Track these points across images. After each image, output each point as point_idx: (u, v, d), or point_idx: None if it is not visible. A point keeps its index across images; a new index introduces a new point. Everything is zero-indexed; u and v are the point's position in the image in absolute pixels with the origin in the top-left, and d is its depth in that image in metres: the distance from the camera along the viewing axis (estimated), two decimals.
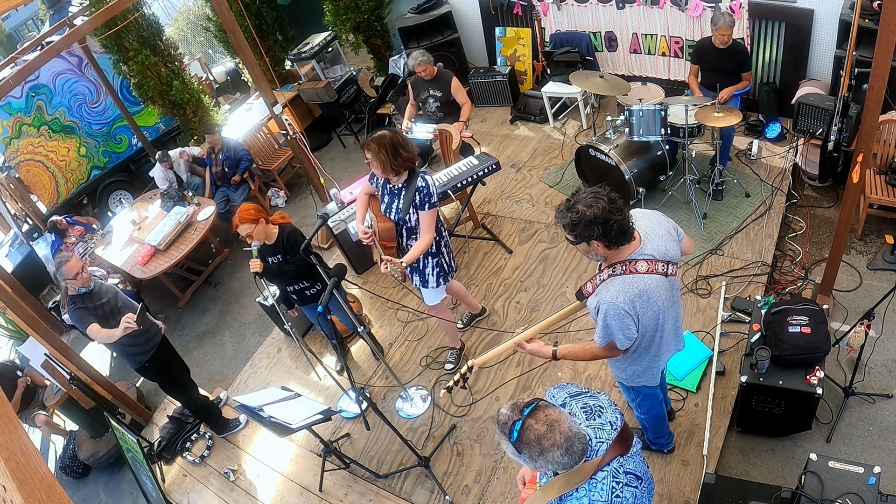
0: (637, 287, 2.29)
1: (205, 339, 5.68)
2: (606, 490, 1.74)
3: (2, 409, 1.20)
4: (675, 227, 2.51)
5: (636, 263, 2.30)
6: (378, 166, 3.24)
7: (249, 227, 3.55)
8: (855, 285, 4.22)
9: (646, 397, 2.95)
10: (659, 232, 2.40)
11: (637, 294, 2.29)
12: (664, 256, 2.36)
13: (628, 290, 2.29)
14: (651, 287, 2.31)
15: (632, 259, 2.31)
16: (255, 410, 3.11)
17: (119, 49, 6.76)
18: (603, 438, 1.83)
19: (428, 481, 3.66)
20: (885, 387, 3.59)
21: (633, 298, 2.29)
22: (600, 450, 1.80)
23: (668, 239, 2.42)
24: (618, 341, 2.39)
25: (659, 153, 4.76)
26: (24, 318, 4.22)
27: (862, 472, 2.57)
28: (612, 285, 2.32)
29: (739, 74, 4.75)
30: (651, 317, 2.38)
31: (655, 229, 2.41)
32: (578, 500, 1.74)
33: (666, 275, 2.38)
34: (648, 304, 2.33)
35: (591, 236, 2.21)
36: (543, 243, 5.03)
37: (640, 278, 2.30)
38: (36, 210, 7.56)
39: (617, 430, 1.86)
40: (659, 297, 2.35)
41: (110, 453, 4.70)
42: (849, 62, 3.69)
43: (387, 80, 7.06)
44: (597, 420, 1.89)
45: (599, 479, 1.75)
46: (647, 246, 2.33)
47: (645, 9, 5.69)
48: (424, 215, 3.33)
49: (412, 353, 4.50)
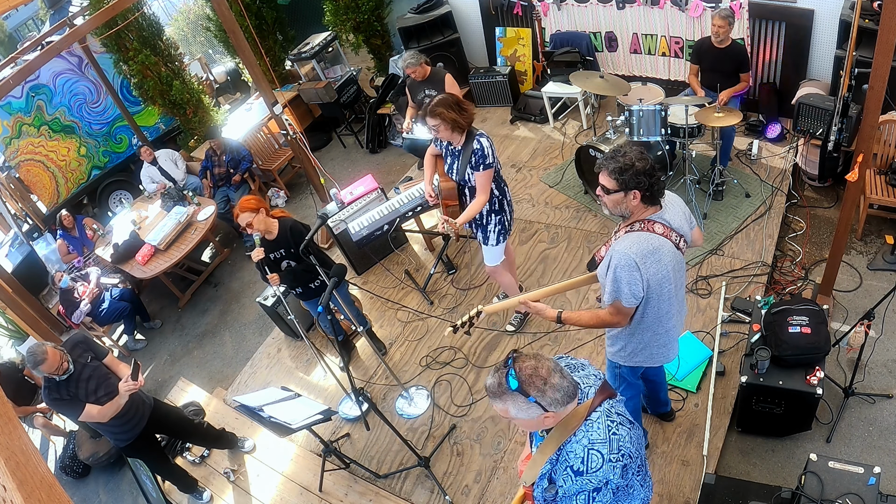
0: (651, 244, 2.36)
1: (205, 339, 5.68)
2: (603, 427, 1.79)
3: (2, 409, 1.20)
4: (689, 214, 2.60)
5: (654, 224, 2.39)
6: (447, 128, 3.40)
7: (250, 216, 3.56)
8: (855, 285, 4.22)
9: (628, 385, 2.97)
10: (677, 208, 2.51)
11: (650, 250, 2.36)
12: (679, 229, 2.46)
13: (643, 244, 2.36)
14: (664, 248, 2.39)
15: (651, 220, 2.40)
16: (255, 410, 3.11)
17: (119, 49, 6.77)
18: (590, 384, 1.90)
19: (428, 481, 3.66)
20: (885, 387, 3.59)
21: (646, 254, 2.35)
22: (590, 393, 1.87)
23: (683, 218, 2.52)
24: (624, 297, 2.41)
25: (659, 153, 4.76)
26: (24, 318, 4.23)
27: (862, 473, 2.57)
28: (627, 238, 2.40)
29: (739, 75, 4.76)
30: (659, 280, 2.42)
31: (675, 204, 2.53)
32: (578, 443, 1.78)
33: (677, 246, 2.46)
34: (659, 264, 2.39)
35: (635, 186, 2.31)
36: (543, 243, 5.03)
37: (655, 237, 2.38)
38: (36, 210, 7.56)
39: (601, 380, 1.93)
40: (669, 262, 2.42)
41: (110, 453, 4.69)
42: (849, 62, 3.69)
43: (387, 80, 7.07)
44: (580, 372, 1.96)
45: (594, 420, 1.81)
46: (666, 213, 2.43)
47: (645, 9, 5.69)
48: (479, 176, 3.50)
49: (412, 353, 4.50)
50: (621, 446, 1.78)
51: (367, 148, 7.34)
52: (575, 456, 1.78)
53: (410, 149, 6.22)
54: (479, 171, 3.48)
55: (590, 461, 1.76)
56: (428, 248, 5.35)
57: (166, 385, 5.25)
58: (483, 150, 3.46)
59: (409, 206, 4.52)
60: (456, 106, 3.39)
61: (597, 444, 1.77)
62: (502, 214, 3.73)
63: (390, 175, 6.69)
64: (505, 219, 3.76)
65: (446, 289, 4.89)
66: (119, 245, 5.93)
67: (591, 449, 1.77)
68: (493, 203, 3.66)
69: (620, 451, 1.78)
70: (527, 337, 4.30)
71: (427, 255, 5.32)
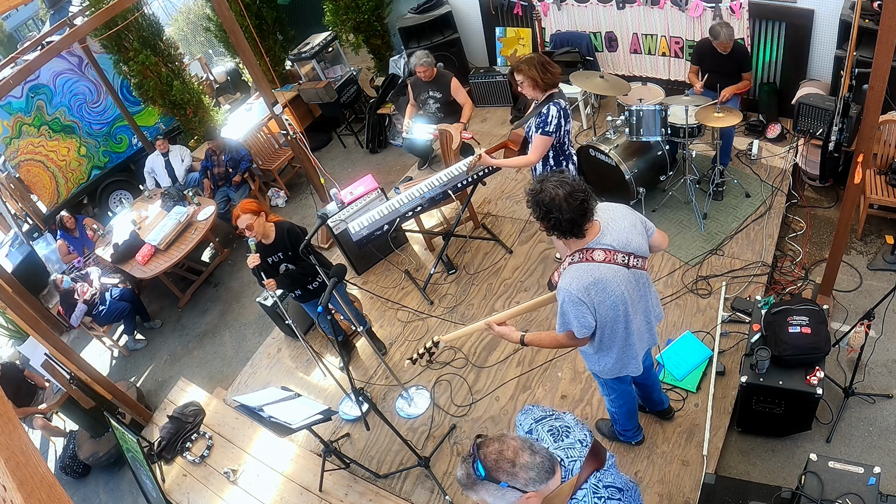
0: (592, 275, 2.31)
1: (205, 339, 5.68)
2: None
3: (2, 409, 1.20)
4: (643, 221, 2.51)
5: (593, 252, 2.32)
6: (529, 85, 3.57)
7: (250, 218, 3.56)
8: (855, 285, 4.22)
9: (619, 394, 2.97)
10: (622, 224, 2.41)
11: (592, 282, 2.31)
12: (625, 248, 2.36)
13: (583, 278, 2.31)
14: (608, 276, 2.32)
15: (589, 248, 2.33)
16: (255, 410, 3.11)
17: (119, 49, 6.77)
18: (574, 457, 1.78)
19: (428, 481, 3.66)
20: (885, 387, 3.59)
21: (588, 286, 2.31)
22: (574, 468, 1.74)
23: (632, 231, 2.41)
24: (574, 329, 2.41)
25: (659, 153, 4.76)
26: (24, 318, 4.22)
27: (862, 473, 2.57)
28: (567, 273, 2.36)
29: (740, 75, 4.75)
30: (609, 307, 2.38)
31: (618, 221, 2.41)
32: None
33: (627, 266, 2.38)
34: (605, 293, 2.33)
35: (546, 224, 2.29)
36: (543, 243, 5.02)
37: (595, 267, 2.32)
38: (36, 210, 7.56)
39: (588, 447, 1.80)
40: (617, 287, 2.35)
41: (110, 453, 4.70)
42: (849, 62, 3.69)
43: (387, 80, 7.07)
44: (565, 440, 1.84)
45: (580, 499, 1.68)
46: (605, 236, 2.34)
47: (645, 9, 5.69)
48: (536, 137, 3.68)
49: (412, 353, 4.48)
50: None
51: (367, 148, 7.34)
52: None
53: (410, 149, 6.23)
54: (537, 133, 3.66)
55: None
56: (428, 248, 5.35)
57: (166, 385, 5.25)
58: (548, 116, 3.58)
59: (409, 206, 4.52)
60: (541, 66, 3.52)
61: None
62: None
63: (390, 175, 6.69)
64: None
65: (446, 289, 4.89)
66: (119, 245, 5.93)
67: None
68: (547, 168, 3.82)
69: None
70: None
71: (427, 255, 5.32)
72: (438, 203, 4.75)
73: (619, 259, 2.35)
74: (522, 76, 3.58)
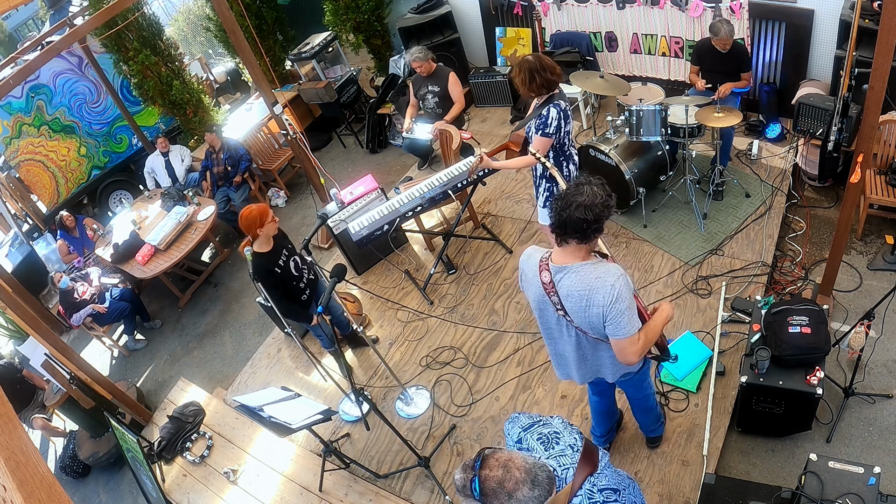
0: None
1: (205, 339, 5.68)
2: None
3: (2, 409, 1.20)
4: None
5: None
6: (521, 87, 3.54)
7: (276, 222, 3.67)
8: (855, 285, 4.22)
9: (649, 380, 2.96)
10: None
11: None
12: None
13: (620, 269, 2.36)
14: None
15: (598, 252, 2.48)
16: (255, 410, 3.11)
17: (119, 49, 6.77)
18: (566, 465, 1.77)
19: (428, 481, 3.66)
20: (885, 387, 3.59)
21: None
22: (567, 476, 1.74)
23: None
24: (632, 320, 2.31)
25: (659, 153, 4.76)
26: (24, 318, 4.22)
27: (862, 473, 2.57)
28: (598, 270, 2.30)
29: (739, 74, 4.76)
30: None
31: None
32: None
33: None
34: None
35: (598, 227, 2.33)
36: (543, 243, 5.02)
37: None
38: (36, 210, 7.57)
39: (579, 451, 1.80)
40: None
41: (110, 453, 4.70)
42: (849, 62, 3.69)
43: (387, 80, 7.06)
44: (556, 448, 1.83)
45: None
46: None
47: (645, 9, 5.69)
48: (535, 139, 3.60)
49: (412, 353, 4.49)
50: None
51: (367, 148, 7.34)
52: None
53: (410, 149, 6.23)
54: (537, 134, 3.59)
55: None
56: (428, 248, 5.35)
57: (166, 385, 5.25)
58: (547, 118, 3.51)
59: (409, 206, 4.52)
60: (529, 72, 3.44)
61: None
62: (553, 184, 3.76)
63: (390, 175, 6.69)
64: (555, 189, 3.75)
65: (446, 289, 4.88)
66: (119, 245, 5.94)
67: None
68: (546, 172, 3.74)
69: None
70: (527, 337, 4.30)
71: (427, 255, 5.32)
72: (438, 203, 4.75)
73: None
74: (516, 79, 3.58)
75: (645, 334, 2.36)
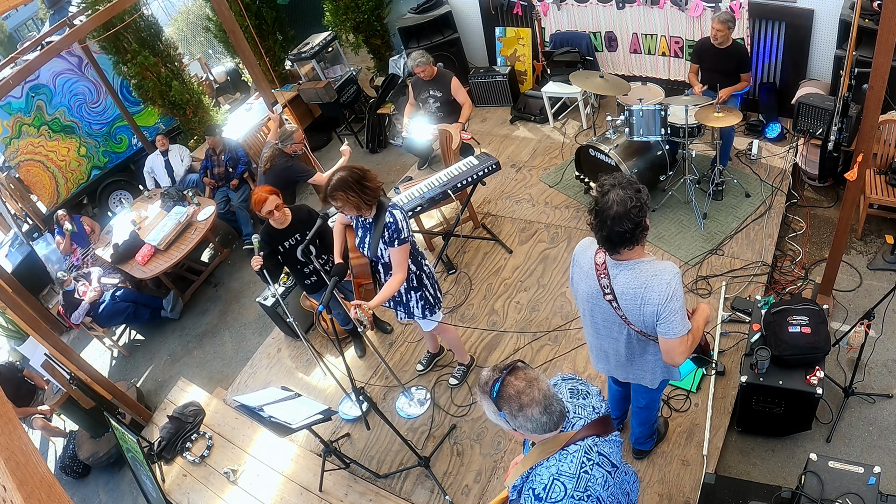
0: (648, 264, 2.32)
1: (205, 339, 5.68)
2: (576, 463, 1.75)
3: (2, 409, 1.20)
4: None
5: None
6: (352, 209, 3.09)
7: (277, 199, 3.68)
8: (855, 285, 4.22)
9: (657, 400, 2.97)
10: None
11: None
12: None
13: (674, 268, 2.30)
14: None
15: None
16: (255, 410, 3.11)
17: (118, 51, 6.77)
18: (581, 416, 1.85)
19: (428, 481, 3.66)
20: (885, 387, 3.59)
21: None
22: (577, 424, 1.82)
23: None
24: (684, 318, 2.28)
25: (659, 153, 4.76)
26: (24, 318, 4.22)
27: (862, 472, 2.57)
28: (650, 268, 2.26)
29: (739, 74, 4.76)
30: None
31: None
32: (547, 469, 1.76)
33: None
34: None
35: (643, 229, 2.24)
36: (543, 243, 5.02)
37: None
38: (36, 210, 7.56)
39: (598, 415, 1.88)
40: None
41: (110, 453, 4.70)
42: (849, 62, 3.69)
43: (387, 80, 7.07)
44: (580, 401, 1.91)
45: (570, 451, 1.77)
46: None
47: (645, 9, 5.69)
48: (394, 252, 3.17)
49: (412, 353, 4.49)
50: (589, 486, 1.73)
51: (366, 148, 7.34)
52: (540, 481, 1.76)
53: (410, 149, 6.23)
54: (394, 246, 3.15)
55: (552, 490, 1.73)
56: (428, 248, 5.35)
57: (166, 385, 5.25)
58: (396, 223, 3.12)
59: (409, 206, 4.52)
60: (357, 185, 3.02)
61: (564, 476, 1.74)
62: (423, 290, 3.44)
63: (390, 175, 6.68)
64: (427, 293, 3.46)
65: (446, 289, 4.88)
66: (119, 245, 5.93)
67: (556, 479, 1.74)
68: (411, 280, 3.36)
69: (587, 491, 1.73)
70: (527, 337, 4.30)
71: (427, 255, 5.32)
72: (438, 203, 4.75)
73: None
74: (341, 202, 3.04)
75: (691, 335, 2.35)
